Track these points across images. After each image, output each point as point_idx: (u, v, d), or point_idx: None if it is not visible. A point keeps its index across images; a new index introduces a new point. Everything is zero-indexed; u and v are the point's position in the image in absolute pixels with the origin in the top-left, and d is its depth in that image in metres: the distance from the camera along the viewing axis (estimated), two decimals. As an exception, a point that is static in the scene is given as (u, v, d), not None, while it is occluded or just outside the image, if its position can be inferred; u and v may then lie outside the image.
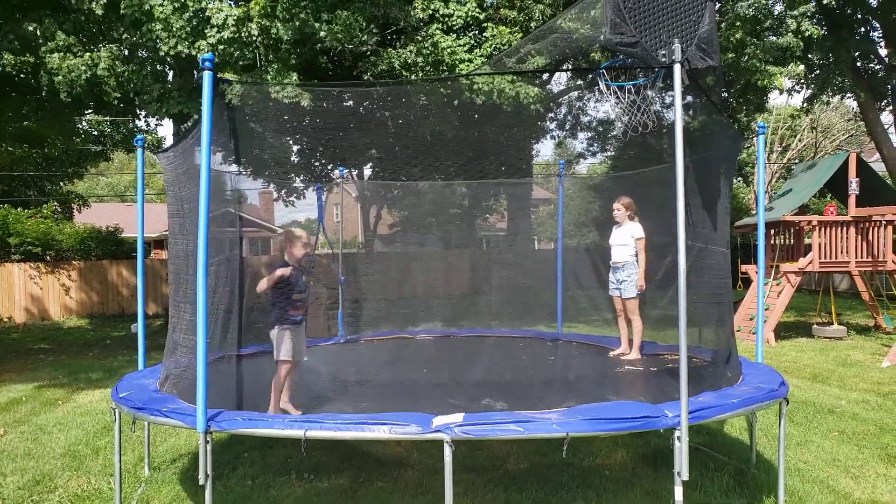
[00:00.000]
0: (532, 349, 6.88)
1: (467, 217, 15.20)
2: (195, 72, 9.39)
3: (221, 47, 8.34)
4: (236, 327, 4.89)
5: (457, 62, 10.44)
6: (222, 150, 4.43)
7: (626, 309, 6.07)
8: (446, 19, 11.08)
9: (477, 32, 11.63)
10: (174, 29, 8.36)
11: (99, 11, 8.58)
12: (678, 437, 3.28)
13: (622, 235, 6.12)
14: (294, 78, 8.72)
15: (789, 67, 12.28)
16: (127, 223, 22.04)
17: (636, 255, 6.05)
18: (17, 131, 13.29)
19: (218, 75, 3.45)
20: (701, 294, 4.75)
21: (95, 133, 16.67)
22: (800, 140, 32.66)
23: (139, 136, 5.52)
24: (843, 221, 12.08)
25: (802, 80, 16.11)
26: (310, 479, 4.77)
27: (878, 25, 15.58)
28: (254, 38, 8.32)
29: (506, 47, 11.08)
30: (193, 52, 8.40)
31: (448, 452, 3.20)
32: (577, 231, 10.32)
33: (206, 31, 8.38)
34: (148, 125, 15.25)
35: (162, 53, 8.56)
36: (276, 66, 8.69)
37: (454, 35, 11.05)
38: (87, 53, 8.66)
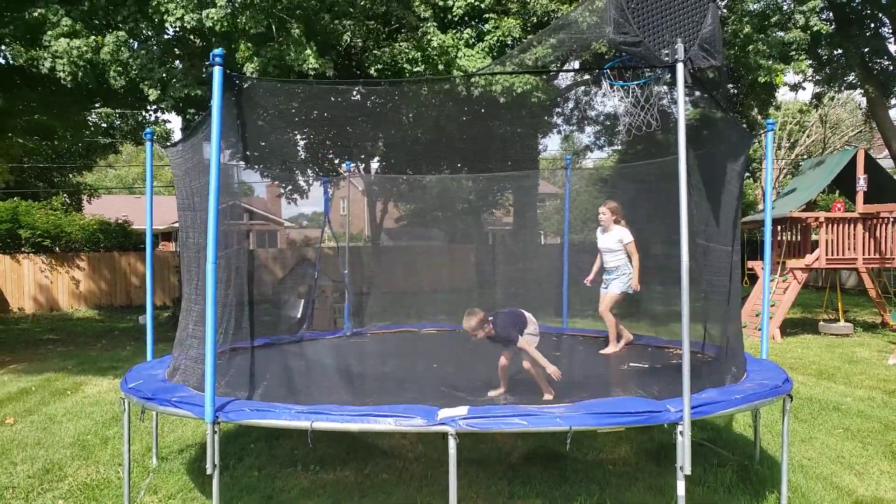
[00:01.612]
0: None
1: (474, 211, 15.21)
2: (204, 57, 9.24)
3: (232, 18, 8.18)
4: (247, 319, 4.94)
5: (455, 59, 10.38)
6: (230, 144, 4.46)
7: (601, 302, 6.04)
8: (446, 13, 11.04)
9: (477, 24, 11.58)
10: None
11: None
12: (681, 432, 3.30)
13: (610, 240, 6.08)
14: (312, 51, 8.47)
15: (793, 64, 12.20)
16: (135, 215, 22.20)
17: (628, 259, 6.03)
18: (27, 124, 13.37)
19: (231, 63, 3.47)
20: (707, 290, 4.77)
21: (105, 125, 16.74)
22: (808, 136, 32.46)
23: (148, 129, 5.56)
24: (850, 218, 12.03)
25: (810, 77, 16.00)
26: (315, 471, 4.82)
27: (887, 21, 15.45)
28: (262, 1, 8.09)
29: (508, 39, 11.05)
30: (203, 23, 8.21)
31: (452, 445, 3.23)
32: (583, 226, 10.30)
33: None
34: (157, 119, 15.29)
35: (168, 26, 8.40)
36: (291, 37, 8.48)
37: (454, 29, 11.00)
38: (93, 36, 8.60)
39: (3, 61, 10.37)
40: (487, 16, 11.54)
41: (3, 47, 9.16)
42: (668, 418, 3.37)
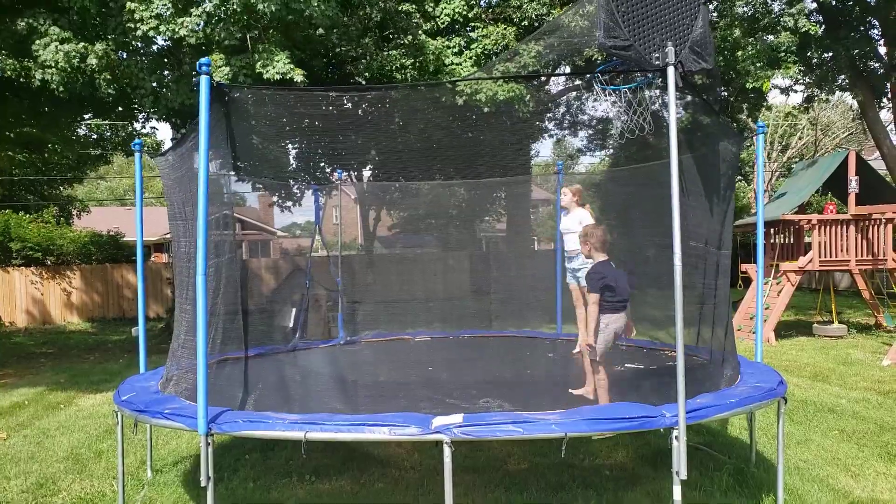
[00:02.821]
0: (532, 350, 6.90)
1: (466, 218, 15.22)
2: (193, 66, 9.22)
3: (208, 30, 8.13)
4: (239, 329, 4.92)
5: (442, 66, 10.40)
6: (220, 153, 4.45)
7: (583, 295, 5.95)
8: (434, 21, 11.08)
9: (466, 31, 11.63)
10: (154, 8, 8.16)
11: (93, 10, 8.53)
12: (676, 437, 3.29)
13: (571, 222, 5.94)
14: (283, 57, 8.42)
15: (782, 69, 12.29)
16: (127, 227, 22.08)
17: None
18: (17, 136, 13.32)
19: (211, 72, 3.46)
20: (701, 294, 4.77)
21: (95, 136, 16.69)
22: (800, 138, 32.66)
23: (137, 141, 5.54)
24: (843, 220, 12.09)
25: (800, 80, 16.12)
26: (311, 481, 4.79)
27: (877, 24, 15.58)
28: (237, 14, 8.04)
29: (496, 47, 11.09)
30: (178, 33, 8.14)
31: (448, 453, 3.21)
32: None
33: (189, 9, 8.15)
34: (144, 127, 15.26)
35: (140, 34, 8.33)
36: (265, 46, 8.43)
37: (442, 37, 11.04)
38: (82, 43, 8.55)
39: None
40: (474, 24, 11.60)
41: None
42: (664, 423, 3.36)
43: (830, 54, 15.02)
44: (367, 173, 15.92)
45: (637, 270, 5.99)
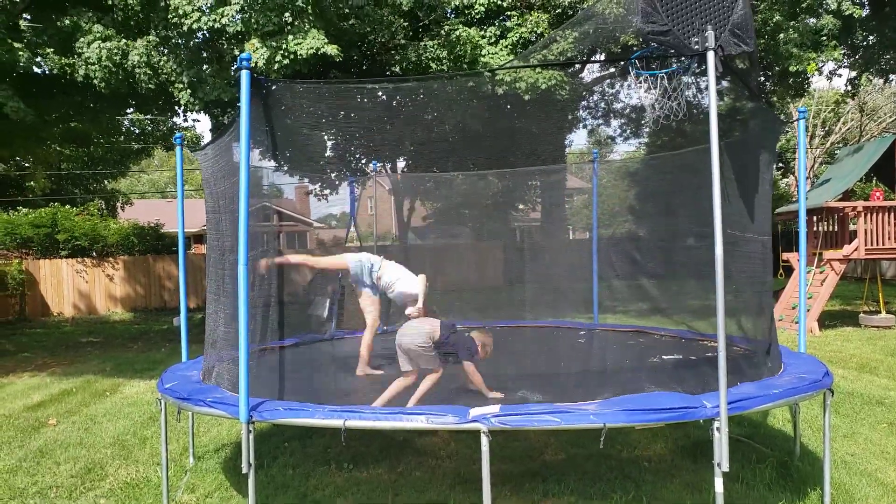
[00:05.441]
0: (568, 339, 6.85)
1: (500, 208, 15.16)
2: (231, 60, 9.33)
3: (245, 16, 8.21)
4: (277, 319, 4.98)
5: (479, 56, 10.35)
6: (260, 146, 4.50)
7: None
8: (469, 11, 11.03)
9: (500, 21, 11.57)
10: (196, 1, 8.27)
11: (137, 7, 8.69)
12: (717, 428, 3.23)
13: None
14: (316, 33, 8.43)
15: (824, 52, 11.89)
16: (168, 219, 22.60)
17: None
18: (64, 132, 13.72)
19: (250, 56, 3.49)
20: (741, 282, 4.67)
21: (137, 131, 17.10)
22: (843, 123, 31.63)
23: (178, 134, 5.65)
24: (890, 206, 11.70)
25: (844, 64, 15.60)
26: (349, 469, 4.85)
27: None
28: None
29: (531, 35, 10.99)
30: (219, 23, 8.25)
31: (485, 443, 3.22)
32: (612, 220, 10.19)
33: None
34: (186, 119, 15.54)
35: (185, 29, 8.47)
36: (298, 25, 8.47)
37: (476, 27, 10.99)
38: (124, 40, 8.74)
39: (39, 71, 10.63)
40: (510, 13, 11.53)
41: (39, 58, 9.38)
42: (705, 414, 3.30)
43: (875, 36, 14.48)
44: (401, 164, 15.98)
45: (676, 259, 5.90)
